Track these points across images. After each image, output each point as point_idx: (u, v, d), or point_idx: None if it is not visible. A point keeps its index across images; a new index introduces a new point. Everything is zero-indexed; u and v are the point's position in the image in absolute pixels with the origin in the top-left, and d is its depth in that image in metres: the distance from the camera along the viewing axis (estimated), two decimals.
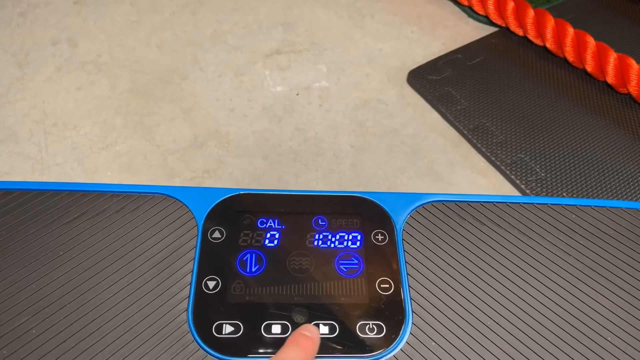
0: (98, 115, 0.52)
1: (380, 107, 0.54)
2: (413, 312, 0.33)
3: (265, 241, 0.35)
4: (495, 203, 0.38)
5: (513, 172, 0.48)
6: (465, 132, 0.51)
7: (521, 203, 0.38)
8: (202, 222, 0.36)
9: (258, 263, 0.34)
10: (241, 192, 0.38)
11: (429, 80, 0.56)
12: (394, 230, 0.36)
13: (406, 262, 0.35)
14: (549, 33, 0.56)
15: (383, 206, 0.37)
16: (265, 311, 0.32)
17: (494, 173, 0.49)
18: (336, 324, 0.32)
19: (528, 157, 0.49)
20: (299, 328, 0.31)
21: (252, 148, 0.50)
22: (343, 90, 0.56)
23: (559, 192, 0.47)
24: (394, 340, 0.32)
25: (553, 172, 0.48)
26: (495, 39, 0.61)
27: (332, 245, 0.35)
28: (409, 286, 0.34)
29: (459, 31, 0.62)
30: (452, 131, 0.52)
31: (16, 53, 0.57)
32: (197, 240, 0.35)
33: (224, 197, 0.37)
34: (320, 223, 0.36)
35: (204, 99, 0.54)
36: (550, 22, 0.56)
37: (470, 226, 0.37)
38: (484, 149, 0.50)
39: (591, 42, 0.54)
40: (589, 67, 0.55)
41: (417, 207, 0.37)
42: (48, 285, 0.32)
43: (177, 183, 0.47)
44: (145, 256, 0.34)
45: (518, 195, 0.47)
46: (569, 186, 0.47)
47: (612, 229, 0.37)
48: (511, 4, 0.59)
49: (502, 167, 0.49)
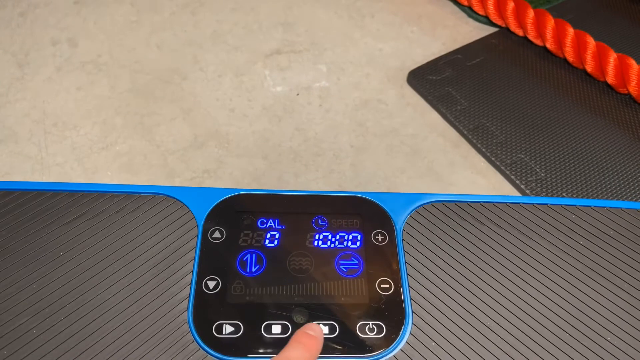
0: (98, 115, 0.52)
1: (380, 107, 0.54)
2: (413, 312, 0.33)
3: (265, 241, 0.35)
4: (495, 203, 0.38)
5: (513, 172, 0.48)
6: (465, 132, 0.51)
7: (521, 203, 0.38)
8: (202, 222, 0.36)
9: (258, 263, 0.34)
10: (241, 192, 0.38)
11: (429, 80, 0.56)
12: (394, 230, 0.36)
13: (406, 262, 0.35)
14: (549, 33, 0.56)
15: (383, 206, 0.37)
16: (265, 311, 0.32)
17: (494, 173, 0.49)
18: (336, 324, 0.32)
19: (528, 158, 0.49)
20: (303, 327, 0.31)
21: (252, 148, 0.50)
22: (343, 90, 0.56)
23: (559, 193, 0.47)
24: (394, 340, 0.32)
25: (553, 172, 0.48)
26: (495, 39, 0.61)
27: (332, 245, 0.35)
28: (409, 286, 0.34)
29: (459, 31, 0.62)
30: (452, 131, 0.52)
31: (16, 53, 0.57)
32: (197, 240, 0.35)
33: (224, 198, 0.37)
34: (320, 223, 0.36)
35: (204, 99, 0.54)
36: (550, 23, 0.56)
37: (470, 226, 0.37)
38: (484, 149, 0.50)
39: (591, 43, 0.54)
40: (589, 68, 0.55)
41: (417, 208, 0.37)
42: (48, 285, 0.32)
43: (177, 183, 0.47)
44: (145, 256, 0.34)
45: (518, 195, 0.47)
46: (569, 186, 0.47)
47: (612, 229, 0.37)
48: (511, 4, 0.59)
49: (502, 167, 0.49)
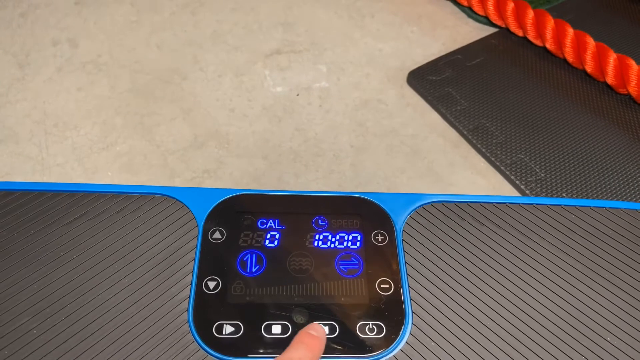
0: (98, 115, 0.52)
1: (380, 108, 0.54)
2: (413, 313, 0.33)
3: (265, 241, 0.35)
4: (494, 203, 0.38)
5: (513, 173, 0.48)
6: (465, 133, 0.52)
7: (521, 203, 0.38)
8: (203, 223, 0.36)
9: (258, 263, 0.34)
10: (241, 193, 0.38)
11: (429, 80, 0.56)
12: (394, 230, 0.36)
13: (406, 263, 0.35)
14: (549, 34, 0.56)
15: (383, 207, 0.37)
16: (265, 311, 0.32)
17: (494, 173, 0.49)
18: (336, 324, 0.32)
19: (528, 158, 0.49)
20: (305, 327, 0.31)
21: (252, 148, 0.50)
22: (343, 90, 0.56)
23: (559, 193, 0.47)
24: (394, 340, 0.32)
25: (553, 173, 0.48)
26: (495, 40, 0.61)
27: (332, 245, 0.36)
28: (409, 286, 0.34)
29: (459, 32, 0.62)
30: (452, 131, 0.53)
31: (17, 53, 0.57)
32: (198, 240, 0.35)
33: (225, 198, 0.37)
34: (320, 223, 0.37)
35: (204, 99, 0.54)
36: (550, 23, 0.56)
37: (470, 227, 0.37)
38: (484, 150, 0.50)
39: (591, 43, 0.54)
40: (589, 68, 0.55)
41: (417, 208, 0.37)
42: (49, 285, 0.32)
43: (177, 183, 0.47)
44: (145, 257, 0.34)
45: (518, 195, 0.48)
46: (569, 187, 0.47)
47: (612, 230, 0.37)
48: (511, 5, 0.59)
49: (502, 168, 0.49)
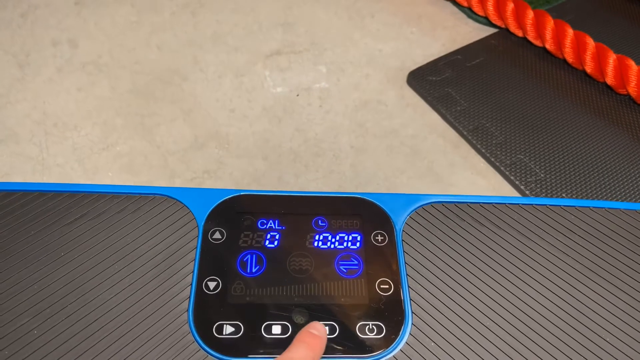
0: (98, 115, 0.52)
1: (380, 108, 0.54)
2: (412, 313, 0.33)
3: (265, 242, 0.36)
4: (494, 204, 0.38)
5: (512, 173, 0.48)
6: (465, 133, 0.52)
7: (520, 204, 0.38)
8: (203, 223, 0.36)
9: (258, 264, 0.35)
10: (242, 193, 0.38)
11: (429, 81, 0.56)
12: (394, 231, 0.36)
13: (406, 263, 0.35)
14: (549, 34, 0.57)
15: (383, 207, 0.38)
16: (265, 312, 0.32)
17: (494, 174, 0.49)
18: (336, 325, 0.32)
19: (527, 158, 0.50)
20: (306, 326, 0.31)
21: (252, 149, 0.50)
22: (343, 91, 0.56)
23: (558, 193, 0.47)
24: (394, 340, 0.32)
25: (552, 173, 0.48)
26: (494, 40, 0.61)
27: (332, 246, 0.36)
28: (409, 287, 0.34)
29: (459, 32, 0.62)
30: (452, 132, 0.53)
31: (17, 54, 0.57)
32: (198, 241, 0.35)
33: (225, 198, 0.37)
34: (320, 224, 0.37)
35: (204, 100, 0.54)
36: (549, 23, 0.56)
37: (469, 227, 0.37)
38: (484, 150, 0.50)
39: (590, 43, 0.54)
40: (589, 68, 0.55)
41: (417, 208, 0.38)
42: (49, 286, 0.32)
43: (178, 184, 0.47)
44: (146, 257, 0.34)
45: (517, 196, 0.48)
46: (568, 187, 0.47)
47: (611, 230, 0.37)
48: (511, 5, 0.59)
49: (502, 168, 0.49)
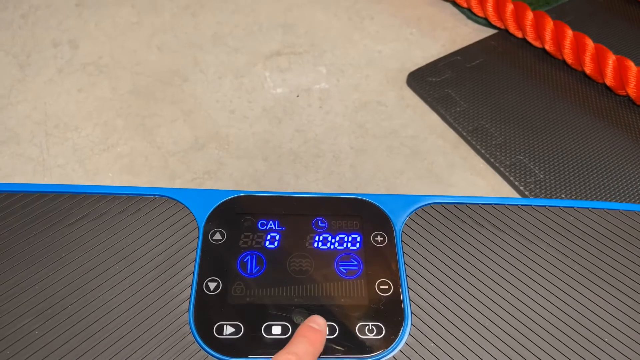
0: (99, 116, 0.52)
1: (379, 109, 0.55)
2: (412, 314, 0.33)
3: (265, 243, 0.36)
4: (493, 205, 0.38)
5: (512, 174, 0.48)
6: (464, 134, 0.52)
7: (519, 205, 0.38)
8: (203, 224, 0.36)
9: (258, 264, 0.35)
10: (242, 194, 0.38)
11: (429, 82, 0.56)
12: (394, 232, 0.37)
13: (405, 264, 0.35)
14: (548, 35, 0.57)
15: (382, 208, 0.38)
16: (265, 312, 0.33)
17: (493, 174, 0.50)
18: (336, 325, 0.32)
19: (527, 159, 0.50)
20: (307, 320, 0.31)
21: (253, 149, 0.50)
22: (343, 91, 0.56)
23: (557, 194, 0.47)
24: (393, 341, 0.32)
25: (551, 174, 0.49)
26: (494, 41, 0.61)
27: (332, 246, 0.36)
28: (408, 288, 0.34)
29: (458, 33, 0.63)
30: (452, 133, 0.53)
31: (17, 55, 0.57)
32: (198, 241, 0.35)
33: (225, 199, 0.37)
34: (320, 225, 0.37)
35: (205, 101, 0.54)
36: (549, 24, 0.57)
37: (469, 228, 0.37)
38: (483, 151, 0.50)
39: (590, 44, 0.55)
40: (588, 69, 0.55)
41: (417, 209, 0.38)
42: (50, 287, 0.32)
43: (178, 184, 0.47)
44: (146, 258, 0.34)
45: (517, 197, 0.48)
46: (567, 188, 0.48)
47: (610, 231, 0.37)
48: (510, 6, 0.59)
49: (501, 169, 0.49)
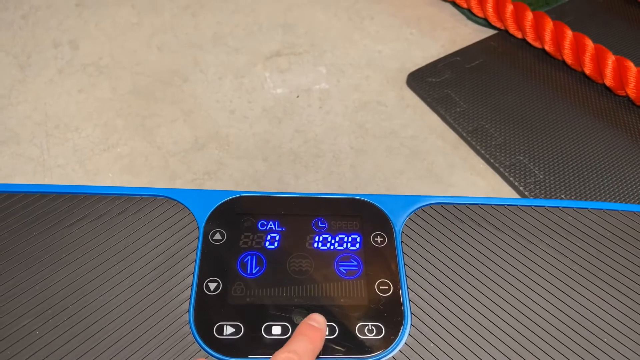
0: (99, 117, 0.52)
1: (379, 109, 0.55)
2: (412, 314, 0.33)
3: (265, 243, 0.36)
4: (493, 205, 0.38)
5: (512, 174, 0.49)
6: (464, 134, 0.52)
7: (519, 205, 0.38)
8: (203, 224, 0.36)
9: (258, 265, 0.35)
10: (242, 195, 0.38)
11: (428, 82, 0.56)
12: (393, 232, 0.37)
13: (405, 264, 0.35)
14: (548, 35, 0.57)
15: (382, 208, 0.38)
16: (265, 312, 0.33)
17: (493, 175, 0.50)
18: (336, 325, 0.32)
19: (526, 159, 0.50)
20: (306, 318, 0.31)
21: (253, 150, 0.50)
22: (343, 92, 0.56)
23: (557, 194, 0.47)
24: (393, 341, 0.32)
25: (551, 174, 0.49)
26: (494, 42, 0.61)
27: (332, 247, 0.36)
28: (408, 288, 0.34)
29: (458, 33, 0.63)
30: (452, 133, 0.53)
31: (18, 55, 0.57)
32: (198, 242, 0.35)
33: (225, 200, 0.37)
34: (320, 225, 0.37)
35: (205, 101, 0.54)
36: (548, 25, 0.57)
37: (468, 228, 0.37)
38: (483, 151, 0.50)
39: (589, 45, 0.55)
40: (588, 70, 0.55)
41: (416, 210, 0.38)
42: (50, 287, 0.32)
43: (178, 185, 0.48)
44: (146, 258, 0.34)
45: (516, 197, 0.48)
46: (567, 188, 0.48)
47: (610, 232, 0.37)
48: (510, 7, 0.59)
49: (501, 169, 0.49)
